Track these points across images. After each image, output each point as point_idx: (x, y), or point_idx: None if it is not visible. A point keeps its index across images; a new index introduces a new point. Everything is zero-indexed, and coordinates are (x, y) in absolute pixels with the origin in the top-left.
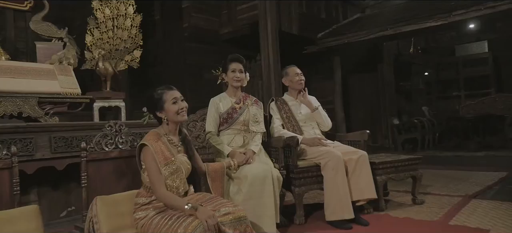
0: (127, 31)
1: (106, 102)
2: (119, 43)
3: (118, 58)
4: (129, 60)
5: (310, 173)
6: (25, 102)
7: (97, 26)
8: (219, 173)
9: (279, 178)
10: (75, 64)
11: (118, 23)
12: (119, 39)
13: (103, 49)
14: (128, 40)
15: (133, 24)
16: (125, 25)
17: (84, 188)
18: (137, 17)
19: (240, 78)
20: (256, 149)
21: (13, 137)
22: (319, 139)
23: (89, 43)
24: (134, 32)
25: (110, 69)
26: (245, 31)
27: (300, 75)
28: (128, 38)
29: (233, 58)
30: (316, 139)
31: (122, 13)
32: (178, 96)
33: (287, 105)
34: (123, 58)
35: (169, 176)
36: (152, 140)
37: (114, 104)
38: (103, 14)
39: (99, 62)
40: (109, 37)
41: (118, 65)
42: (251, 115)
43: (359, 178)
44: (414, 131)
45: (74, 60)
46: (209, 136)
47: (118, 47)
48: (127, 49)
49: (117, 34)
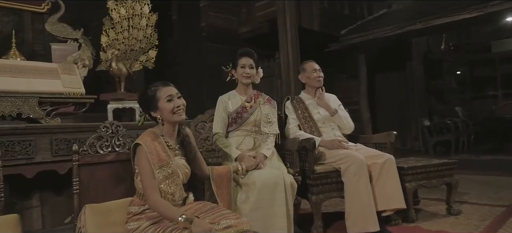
0: (143, 30)
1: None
2: (134, 43)
3: (133, 58)
4: (144, 60)
5: (329, 179)
6: (25, 102)
7: (113, 26)
8: (225, 178)
9: (293, 184)
10: (90, 65)
11: (134, 23)
12: (134, 39)
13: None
14: (143, 40)
15: (148, 23)
16: (141, 25)
17: (76, 195)
18: (153, 17)
19: (250, 74)
20: (267, 153)
21: (11, 139)
22: (339, 141)
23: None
24: (149, 31)
25: (124, 69)
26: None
27: (318, 71)
28: (144, 38)
29: (242, 53)
30: (335, 141)
31: (138, 13)
32: (174, 92)
33: (303, 104)
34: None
35: (164, 180)
36: (148, 139)
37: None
38: (118, 14)
39: (113, 62)
40: (125, 37)
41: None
42: (263, 115)
43: (385, 185)
44: (447, 133)
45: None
46: (216, 138)
47: (133, 47)
48: (142, 49)
49: (132, 34)
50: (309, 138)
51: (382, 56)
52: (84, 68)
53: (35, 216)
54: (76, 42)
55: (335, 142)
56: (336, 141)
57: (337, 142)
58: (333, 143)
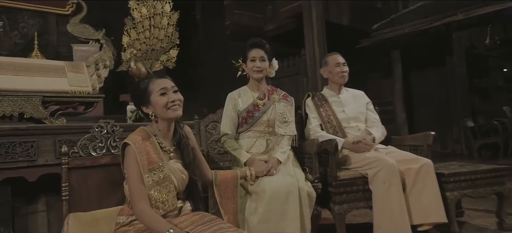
0: (164, 30)
1: None
2: (155, 43)
3: (154, 58)
4: (165, 60)
5: (355, 186)
6: (27, 101)
7: (134, 26)
8: (231, 185)
9: (311, 194)
10: (111, 66)
11: (155, 22)
12: (155, 39)
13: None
14: (164, 40)
15: (170, 22)
16: (162, 24)
17: (65, 201)
18: (174, 15)
19: (262, 67)
20: (281, 157)
21: (12, 140)
22: (365, 142)
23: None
24: (170, 30)
25: (144, 69)
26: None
27: (342, 66)
28: (165, 38)
29: (252, 44)
30: (361, 143)
31: (159, 12)
32: (169, 85)
33: (326, 102)
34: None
35: (154, 186)
36: (138, 139)
37: None
38: (140, 14)
39: (131, 62)
40: (146, 37)
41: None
42: (277, 114)
43: (422, 195)
44: (493, 135)
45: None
46: (224, 140)
47: (154, 47)
48: (163, 48)
49: (153, 33)
50: (330, 140)
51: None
52: (105, 69)
53: (41, 221)
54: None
55: (360, 144)
56: (361, 143)
57: (363, 144)
58: (358, 145)
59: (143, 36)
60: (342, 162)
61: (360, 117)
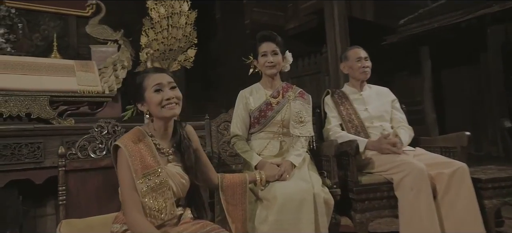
0: (182, 29)
1: None
2: (173, 42)
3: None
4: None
5: (379, 193)
6: (35, 101)
7: (152, 26)
8: (238, 190)
9: (329, 201)
10: (129, 67)
11: (173, 21)
12: (173, 39)
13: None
14: (182, 39)
15: (187, 21)
16: (180, 23)
17: (62, 206)
18: (192, 14)
19: (274, 62)
20: (296, 161)
21: (18, 141)
22: (388, 140)
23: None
24: (188, 30)
25: None
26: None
27: (364, 60)
28: (183, 37)
29: (261, 37)
30: (384, 143)
31: (177, 11)
32: (165, 81)
33: (347, 100)
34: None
35: (149, 193)
36: (130, 140)
37: None
38: (158, 14)
39: (148, 62)
40: (164, 37)
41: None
42: (293, 113)
43: (456, 203)
44: None
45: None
46: (234, 141)
47: (172, 47)
48: (181, 48)
49: (171, 33)
50: (350, 140)
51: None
52: (123, 69)
53: (49, 224)
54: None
55: (383, 143)
56: (384, 142)
57: (386, 144)
58: (380, 143)
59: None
60: (364, 165)
61: (385, 116)
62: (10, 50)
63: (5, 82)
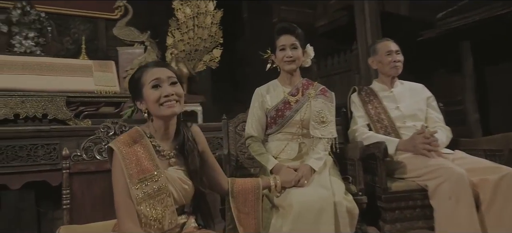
0: (208, 29)
1: None
2: (199, 43)
3: (197, 58)
4: (208, 60)
5: (411, 201)
6: (51, 102)
7: (178, 27)
8: (251, 196)
9: (352, 210)
10: None
11: (199, 21)
12: (199, 39)
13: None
14: (208, 39)
15: (213, 21)
16: (206, 23)
17: (66, 211)
18: (218, 14)
19: (294, 56)
20: (316, 165)
21: (34, 143)
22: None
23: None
24: (214, 29)
25: (185, 70)
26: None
27: (395, 54)
28: (209, 37)
29: (280, 30)
30: (418, 140)
31: (203, 11)
32: (164, 76)
33: (376, 97)
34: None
35: (146, 200)
36: (124, 142)
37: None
38: (184, 14)
39: (172, 63)
40: (190, 37)
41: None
42: (313, 112)
43: (503, 213)
44: None
45: None
46: (249, 143)
47: (198, 47)
48: (207, 48)
49: (197, 33)
50: (378, 142)
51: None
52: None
53: None
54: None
55: (417, 139)
56: (419, 139)
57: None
58: (414, 140)
59: (187, 36)
60: (394, 170)
61: (419, 115)
62: (40, 53)
63: (22, 83)
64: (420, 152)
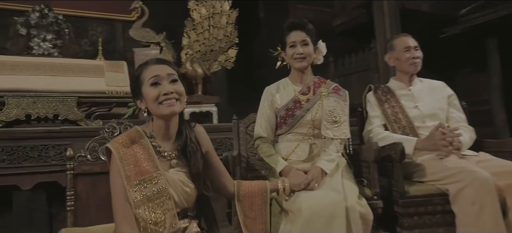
0: (223, 29)
1: (196, 107)
2: (214, 43)
3: (212, 59)
4: (223, 60)
5: (431, 206)
6: (62, 102)
7: (194, 27)
8: (257, 200)
9: (366, 215)
10: None
11: (214, 21)
12: (214, 39)
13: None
14: (223, 39)
15: (228, 21)
16: (221, 23)
17: (70, 213)
18: (233, 13)
19: (305, 53)
20: (327, 167)
21: (45, 143)
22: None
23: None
24: (229, 29)
25: (200, 71)
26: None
27: (413, 50)
28: (224, 37)
29: (290, 26)
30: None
31: (218, 11)
32: (163, 73)
33: (393, 96)
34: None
35: (144, 203)
36: (122, 142)
37: (206, 109)
38: (199, 14)
39: (187, 63)
40: (205, 38)
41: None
42: (325, 112)
43: None
44: None
45: None
46: (258, 144)
47: (213, 47)
48: (222, 48)
49: (212, 34)
50: (394, 143)
51: None
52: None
53: None
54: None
55: (437, 136)
56: (438, 135)
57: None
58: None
59: (202, 37)
60: (412, 172)
61: (439, 115)
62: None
63: (34, 84)
64: (440, 150)
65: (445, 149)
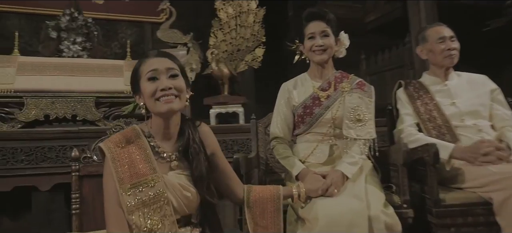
0: (250, 28)
1: (223, 107)
2: (241, 42)
3: (239, 58)
4: (250, 60)
5: (471, 217)
6: (80, 103)
7: (221, 27)
8: (270, 207)
9: (393, 226)
10: (198, 69)
11: (241, 21)
12: (241, 38)
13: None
14: (250, 38)
15: (256, 19)
16: (248, 22)
17: (75, 216)
18: (260, 11)
19: (325, 45)
20: (348, 171)
21: (62, 144)
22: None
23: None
24: (256, 28)
25: (226, 71)
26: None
27: (448, 40)
28: (251, 36)
29: (308, 16)
30: (483, 149)
31: (245, 10)
32: (161, 67)
33: (427, 92)
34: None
35: (139, 208)
36: (116, 142)
37: (232, 110)
38: (226, 14)
39: (212, 63)
40: (232, 37)
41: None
42: (347, 109)
43: None
44: None
45: (197, 65)
46: (273, 145)
47: (240, 47)
48: (249, 48)
49: (239, 33)
50: (427, 144)
51: None
52: (192, 72)
53: None
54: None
55: (482, 149)
56: (484, 148)
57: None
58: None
59: (229, 36)
60: (449, 178)
61: (481, 112)
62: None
63: (53, 84)
64: (479, 164)
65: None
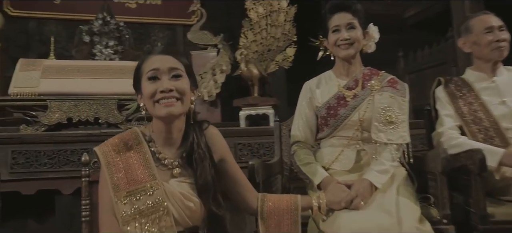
0: (281, 27)
1: (252, 109)
2: (272, 42)
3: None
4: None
5: None
6: (103, 105)
7: (251, 27)
8: (287, 219)
9: None
10: (228, 71)
11: (272, 20)
12: (272, 38)
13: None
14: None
15: (286, 18)
16: (278, 21)
17: (85, 224)
18: (291, 10)
19: (351, 38)
20: (378, 180)
21: (84, 147)
22: None
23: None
24: (287, 27)
25: (255, 71)
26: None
27: (497, 31)
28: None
29: (332, 8)
30: None
31: (276, 9)
32: (163, 66)
33: (471, 90)
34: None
35: (136, 218)
36: (113, 146)
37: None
38: (256, 14)
39: (241, 64)
40: (263, 37)
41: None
42: (377, 110)
43: None
44: None
45: (227, 67)
46: (295, 150)
47: (271, 47)
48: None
49: (270, 33)
50: (472, 150)
51: None
52: (222, 74)
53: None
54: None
55: None
56: None
57: None
58: None
59: (260, 36)
60: (500, 188)
61: None
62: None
63: (76, 87)
64: None
65: None
